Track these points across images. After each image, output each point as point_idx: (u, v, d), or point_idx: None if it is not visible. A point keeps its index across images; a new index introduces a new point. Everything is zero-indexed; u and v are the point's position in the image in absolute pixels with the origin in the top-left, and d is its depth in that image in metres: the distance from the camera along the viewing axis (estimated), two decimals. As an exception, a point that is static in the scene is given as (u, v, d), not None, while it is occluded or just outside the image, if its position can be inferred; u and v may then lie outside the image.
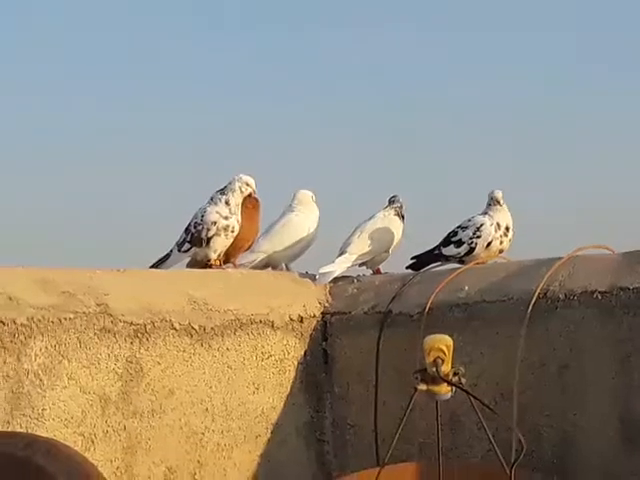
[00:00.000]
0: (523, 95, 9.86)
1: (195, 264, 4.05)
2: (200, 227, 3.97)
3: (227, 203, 3.99)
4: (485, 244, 3.96)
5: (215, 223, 3.95)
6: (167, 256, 4.06)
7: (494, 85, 9.80)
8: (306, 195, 4.25)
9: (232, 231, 3.98)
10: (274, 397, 3.76)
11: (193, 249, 4.00)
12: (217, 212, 3.98)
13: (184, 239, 4.02)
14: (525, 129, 9.45)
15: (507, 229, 4.00)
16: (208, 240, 3.96)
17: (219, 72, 10.36)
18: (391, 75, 9.93)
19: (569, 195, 8.47)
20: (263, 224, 4.24)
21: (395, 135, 9.54)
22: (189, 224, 4.03)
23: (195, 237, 3.98)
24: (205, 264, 4.02)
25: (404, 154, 9.26)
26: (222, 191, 4.03)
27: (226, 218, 3.97)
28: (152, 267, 4.04)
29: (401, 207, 4.11)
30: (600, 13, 9.83)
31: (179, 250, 4.03)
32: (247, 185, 4.03)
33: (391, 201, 4.13)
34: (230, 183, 4.04)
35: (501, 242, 3.99)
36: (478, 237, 3.96)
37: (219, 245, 3.98)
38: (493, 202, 4.01)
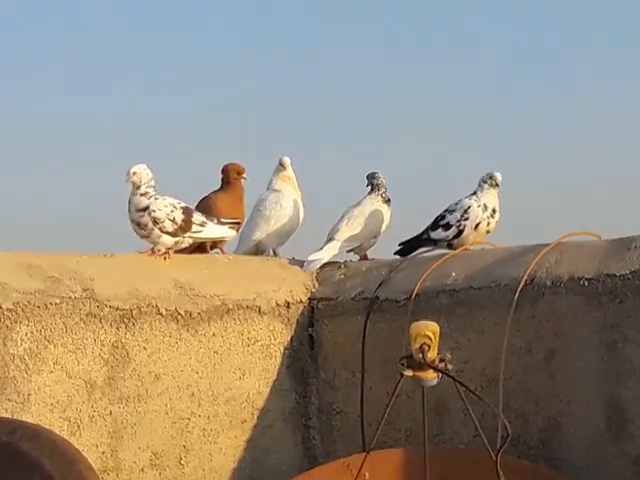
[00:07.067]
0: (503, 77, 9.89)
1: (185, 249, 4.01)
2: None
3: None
4: (473, 226, 3.96)
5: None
6: None
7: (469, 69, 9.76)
8: (284, 174, 4.20)
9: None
10: (260, 382, 3.76)
11: None
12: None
13: None
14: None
15: (494, 211, 3.99)
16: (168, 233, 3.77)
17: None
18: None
19: (555, 180, 8.46)
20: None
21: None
22: None
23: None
24: (194, 250, 3.97)
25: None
26: None
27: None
28: None
29: (386, 191, 4.10)
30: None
31: None
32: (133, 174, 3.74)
33: (374, 184, 4.10)
34: None
35: (488, 223, 3.98)
36: (466, 219, 3.95)
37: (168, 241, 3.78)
38: (491, 183, 3.97)
